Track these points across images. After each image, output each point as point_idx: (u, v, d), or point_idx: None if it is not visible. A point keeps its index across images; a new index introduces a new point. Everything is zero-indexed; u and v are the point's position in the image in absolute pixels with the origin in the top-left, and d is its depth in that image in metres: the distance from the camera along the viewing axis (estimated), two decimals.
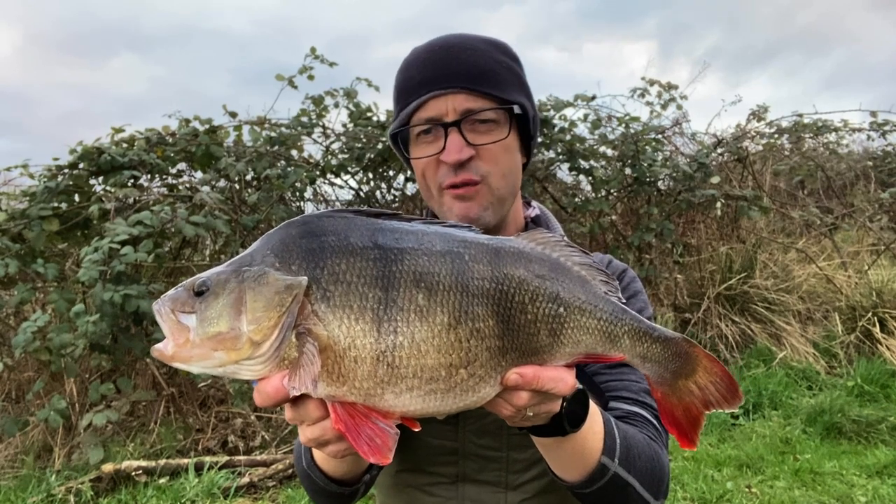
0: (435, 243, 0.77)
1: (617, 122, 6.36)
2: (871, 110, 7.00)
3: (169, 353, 0.72)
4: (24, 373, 4.90)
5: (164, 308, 0.74)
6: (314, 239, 0.75)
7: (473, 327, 0.75)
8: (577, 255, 0.85)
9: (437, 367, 0.74)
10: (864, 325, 5.68)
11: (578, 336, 0.81)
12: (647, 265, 6.07)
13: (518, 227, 1.25)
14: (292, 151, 5.40)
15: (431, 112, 1.10)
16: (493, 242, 0.81)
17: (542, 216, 1.30)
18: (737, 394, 0.88)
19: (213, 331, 0.71)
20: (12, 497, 3.77)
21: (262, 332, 0.70)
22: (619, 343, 0.83)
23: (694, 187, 6.05)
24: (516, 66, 1.17)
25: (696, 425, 0.89)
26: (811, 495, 3.60)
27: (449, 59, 1.10)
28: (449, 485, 1.17)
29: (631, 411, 1.12)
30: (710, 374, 0.87)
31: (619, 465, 0.98)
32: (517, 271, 0.79)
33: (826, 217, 7.26)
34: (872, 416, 4.43)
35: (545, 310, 0.79)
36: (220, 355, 0.71)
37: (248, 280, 0.72)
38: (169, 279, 5.07)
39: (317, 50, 5.45)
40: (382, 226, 0.77)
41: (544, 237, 0.85)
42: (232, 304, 0.72)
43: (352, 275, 0.73)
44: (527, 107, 1.14)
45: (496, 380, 0.78)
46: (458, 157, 1.08)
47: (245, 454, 4.17)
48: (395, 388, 0.73)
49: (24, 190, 4.62)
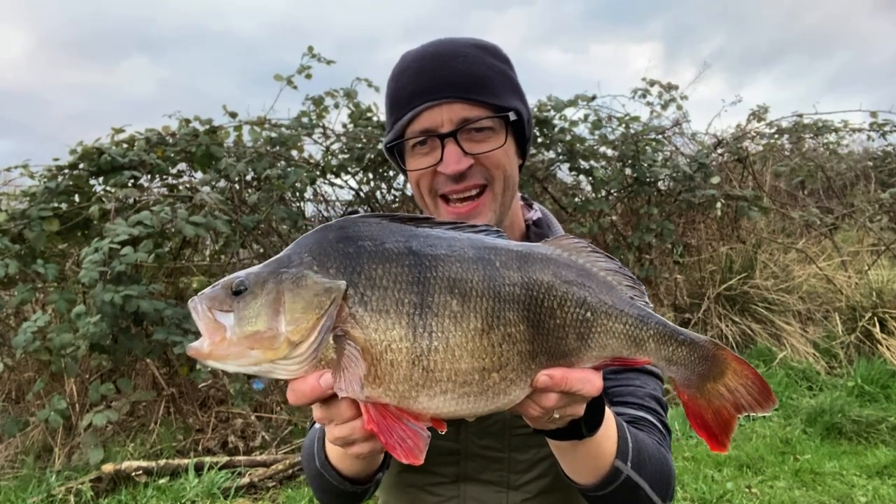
0: (467, 250, 0.79)
1: (617, 123, 6.37)
2: (871, 111, 7.00)
3: (206, 351, 0.73)
4: (25, 373, 4.90)
5: (201, 306, 0.75)
6: (351, 243, 0.76)
7: (505, 332, 0.77)
8: (603, 261, 0.87)
9: (471, 371, 0.75)
10: (865, 325, 5.68)
11: (605, 340, 0.83)
12: (647, 265, 6.07)
13: (517, 230, 1.24)
14: (292, 152, 5.39)
15: (426, 123, 1.09)
16: (522, 249, 0.83)
17: (543, 219, 1.29)
18: (770, 396, 0.87)
19: (250, 329, 0.72)
20: (12, 497, 3.77)
21: (300, 332, 0.72)
22: (645, 346, 0.85)
23: (694, 187, 6.05)
24: (508, 69, 1.16)
25: (727, 428, 0.89)
26: (811, 495, 3.60)
27: (440, 67, 1.09)
28: (450, 484, 1.18)
29: (637, 416, 1.13)
30: (740, 377, 0.87)
31: (632, 468, 0.99)
32: (545, 277, 0.81)
33: (826, 217, 7.26)
34: (872, 417, 4.43)
35: (573, 314, 0.82)
36: (257, 354, 0.72)
37: (287, 281, 0.74)
38: (169, 279, 5.08)
39: (314, 49, 5.45)
40: (416, 232, 0.79)
41: (570, 243, 0.86)
42: (270, 304, 0.73)
43: (388, 280, 0.75)
44: (521, 110, 1.14)
45: (526, 382, 0.80)
46: (457, 168, 1.08)
47: (245, 454, 4.17)
48: (429, 391, 0.75)
49: (25, 190, 4.62)
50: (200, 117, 5.11)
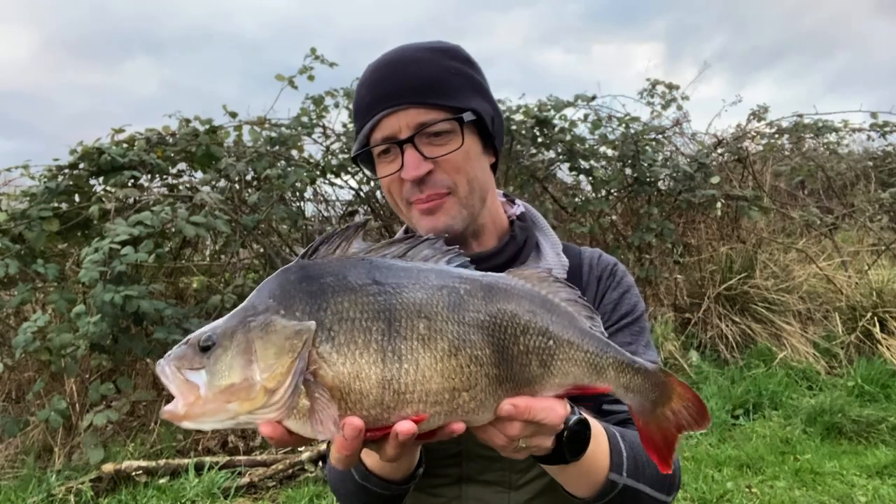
0: (431, 278, 0.80)
1: (617, 123, 6.37)
2: (871, 111, 6.99)
3: (181, 413, 0.72)
4: (25, 373, 4.90)
5: (169, 367, 0.74)
6: (313, 282, 0.77)
7: (472, 354, 0.79)
8: (564, 291, 0.89)
9: (442, 391, 0.77)
10: (865, 325, 5.68)
11: (567, 367, 0.86)
12: (647, 265, 6.07)
13: (499, 228, 1.24)
14: (292, 151, 5.39)
15: (386, 131, 1.10)
16: (486, 279, 0.85)
17: (527, 213, 1.29)
18: (705, 415, 0.92)
19: (225, 383, 0.72)
20: (13, 497, 3.77)
21: (275, 378, 0.71)
22: (605, 374, 0.88)
23: (694, 187, 6.05)
24: (468, 69, 1.16)
25: (671, 449, 0.93)
26: (811, 495, 3.60)
27: (395, 74, 1.10)
28: (452, 485, 1.18)
29: None
30: (682, 400, 0.92)
31: (628, 478, 1.02)
32: (509, 306, 0.84)
33: (826, 217, 7.25)
34: (873, 417, 4.43)
35: (536, 342, 0.84)
36: (234, 407, 0.72)
37: (255, 329, 0.74)
38: (169, 279, 5.08)
39: (317, 50, 5.46)
40: (377, 262, 0.80)
41: (533, 273, 0.89)
42: (242, 354, 0.72)
43: (355, 311, 0.76)
44: (481, 109, 1.13)
45: (492, 407, 0.82)
46: (416, 174, 1.08)
47: (245, 454, 4.18)
48: (401, 413, 0.76)
49: (25, 190, 4.62)
50: (200, 117, 5.11)
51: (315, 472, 3.94)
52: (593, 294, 1.22)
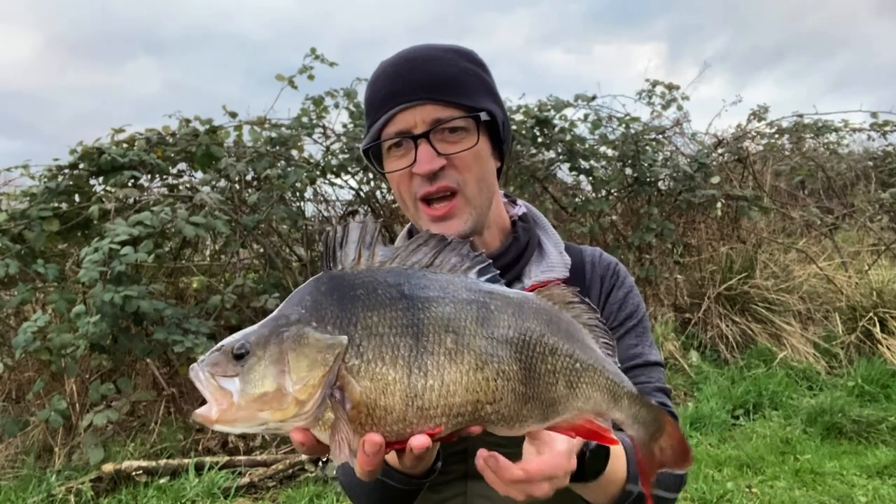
0: (461, 292, 0.81)
1: (617, 123, 6.37)
2: (871, 111, 6.99)
3: (214, 418, 0.74)
4: (25, 373, 4.90)
5: (203, 373, 0.75)
6: (344, 294, 0.77)
7: (500, 368, 0.80)
8: (587, 314, 0.91)
9: (465, 404, 0.78)
10: (865, 325, 5.68)
11: (590, 391, 0.87)
12: (647, 265, 6.07)
13: (503, 228, 1.25)
14: (292, 151, 5.39)
15: (400, 125, 1.11)
16: (517, 297, 0.85)
17: (528, 213, 1.31)
18: (688, 457, 0.94)
19: (258, 392, 0.73)
20: (13, 497, 3.77)
21: (307, 391, 0.73)
22: (621, 403, 0.89)
23: (694, 187, 6.05)
24: (482, 72, 1.18)
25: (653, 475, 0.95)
26: (811, 495, 3.60)
27: (413, 70, 1.11)
28: (458, 481, 1.19)
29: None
30: (671, 439, 0.93)
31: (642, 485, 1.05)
32: (538, 325, 0.84)
33: (826, 217, 7.25)
34: (873, 417, 4.43)
35: (563, 363, 0.85)
36: (266, 416, 0.73)
37: (289, 340, 0.74)
38: (169, 279, 5.08)
39: (317, 50, 5.46)
40: (407, 274, 0.80)
41: (560, 294, 0.90)
42: (275, 364, 0.73)
43: (383, 326, 0.76)
44: (495, 112, 1.15)
45: (512, 427, 0.83)
46: (430, 168, 1.09)
47: (245, 454, 4.17)
48: (422, 427, 0.77)
49: (25, 190, 4.62)
50: (200, 117, 5.11)
51: (315, 472, 3.94)
52: (597, 292, 1.24)
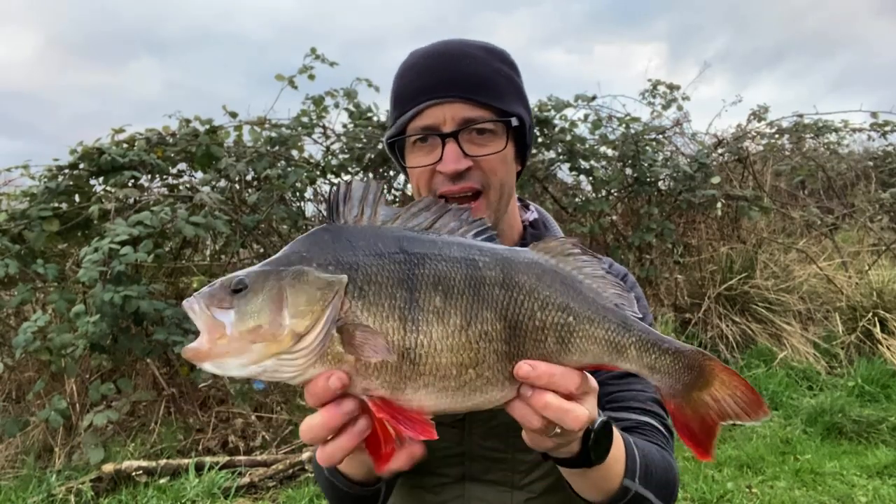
0: (453, 250, 0.81)
1: (617, 123, 6.37)
2: (871, 111, 6.99)
3: (205, 349, 0.72)
4: (25, 373, 4.90)
5: (198, 304, 0.74)
6: (347, 242, 0.78)
7: (482, 329, 0.79)
8: (590, 267, 0.87)
9: (449, 366, 0.78)
10: (865, 325, 5.68)
11: (586, 345, 0.83)
12: (647, 265, 6.06)
13: (515, 232, 1.24)
14: (292, 151, 5.40)
15: (428, 120, 1.09)
16: (506, 252, 0.84)
17: (539, 219, 1.29)
18: (760, 406, 0.86)
19: (252, 324, 0.72)
20: (13, 497, 3.77)
21: (305, 323, 0.72)
22: (626, 353, 0.85)
23: (694, 187, 6.04)
24: (514, 75, 1.16)
25: (711, 436, 0.88)
26: (812, 495, 3.60)
27: (447, 66, 1.09)
28: (454, 484, 1.18)
29: (640, 421, 1.14)
30: (728, 388, 0.86)
31: (640, 484, 1.01)
32: (528, 279, 0.82)
33: (826, 217, 7.25)
34: (873, 417, 4.43)
35: (553, 318, 0.82)
36: (259, 348, 0.72)
37: (288, 277, 0.75)
38: (169, 279, 5.08)
39: (317, 50, 5.46)
40: (406, 234, 0.81)
41: (558, 246, 0.87)
42: (273, 299, 0.73)
43: (382, 276, 0.77)
44: (524, 117, 1.13)
45: (503, 384, 0.81)
46: (456, 168, 1.07)
47: (245, 454, 4.17)
48: (414, 384, 0.77)
49: (25, 190, 4.62)
50: (201, 117, 5.11)
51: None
52: None
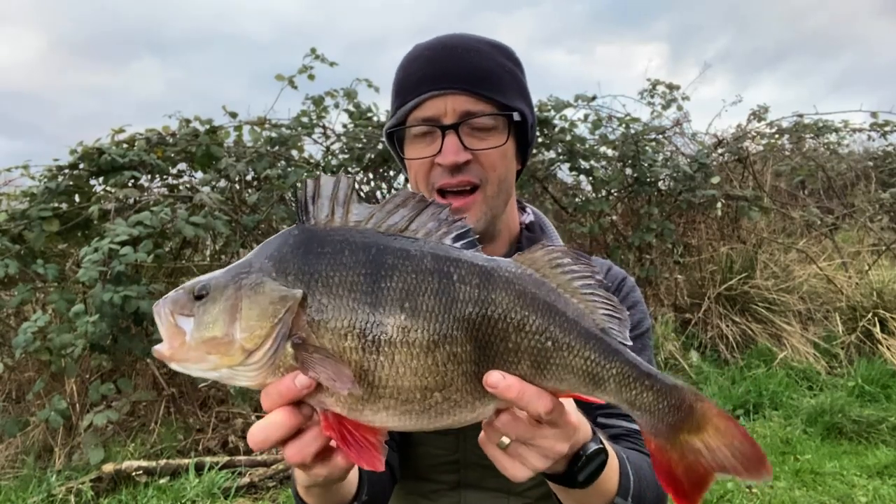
0: (426, 261, 0.75)
1: (617, 123, 6.37)
2: (871, 111, 6.99)
3: (167, 354, 0.74)
4: (25, 373, 4.90)
5: (164, 310, 0.76)
6: (311, 249, 0.75)
7: (451, 351, 0.73)
8: (580, 280, 0.79)
9: (413, 389, 0.73)
10: (865, 325, 5.68)
11: (562, 374, 0.76)
12: (647, 265, 6.06)
13: (512, 235, 1.23)
14: (292, 152, 5.40)
15: (429, 112, 1.08)
16: (486, 264, 0.77)
17: (536, 221, 1.28)
18: (762, 463, 0.76)
19: (207, 335, 0.73)
20: (13, 497, 3.77)
21: (253, 340, 0.72)
22: (604, 386, 0.77)
23: (694, 187, 6.04)
24: (518, 72, 1.15)
25: (699, 487, 0.78)
26: (812, 495, 3.60)
27: (450, 58, 1.08)
28: (450, 491, 1.18)
29: (631, 429, 1.13)
30: (723, 436, 0.77)
31: (632, 502, 0.98)
32: (505, 297, 0.75)
33: (827, 217, 7.24)
34: (873, 417, 4.42)
35: (529, 342, 0.76)
36: (214, 359, 0.73)
37: (245, 288, 0.74)
38: (169, 279, 5.07)
39: (317, 50, 5.46)
40: (378, 240, 0.75)
41: (545, 258, 0.79)
42: (228, 310, 0.73)
43: (343, 289, 0.73)
44: (526, 113, 1.12)
45: (473, 405, 0.76)
46: (455, 160, 1.06)
47: (245, 454, 4.17)
48: (373, 406, 0.74)
49: (25, 190, 4.62)
50: (201, 117, 5.11)
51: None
52: None
